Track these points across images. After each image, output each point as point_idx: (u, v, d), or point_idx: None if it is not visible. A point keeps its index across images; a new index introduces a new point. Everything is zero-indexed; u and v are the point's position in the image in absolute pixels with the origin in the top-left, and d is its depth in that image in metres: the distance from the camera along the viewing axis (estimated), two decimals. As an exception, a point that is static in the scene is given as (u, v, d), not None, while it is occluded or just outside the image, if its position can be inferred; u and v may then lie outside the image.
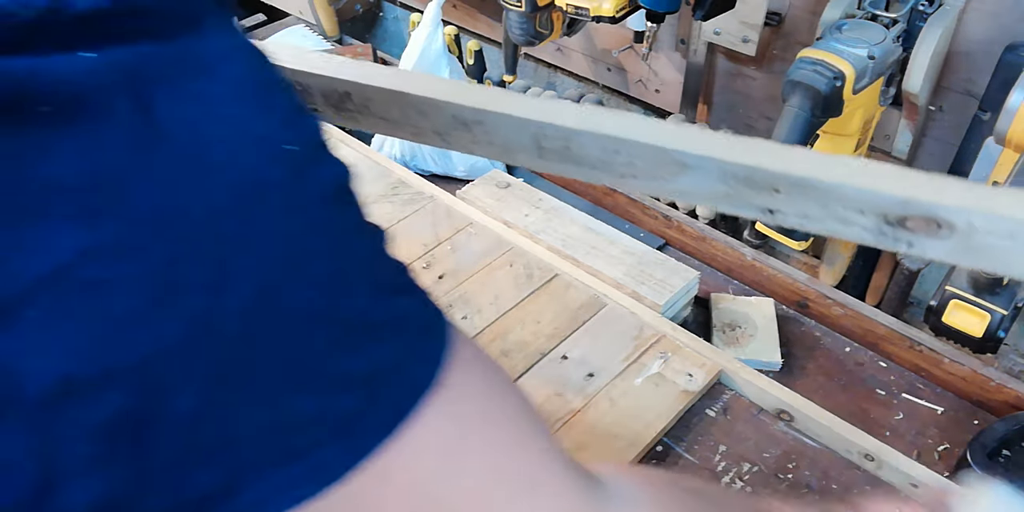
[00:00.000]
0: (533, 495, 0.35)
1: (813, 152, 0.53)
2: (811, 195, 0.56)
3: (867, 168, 0.52)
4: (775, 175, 0.53)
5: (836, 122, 0.78)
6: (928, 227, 0.53)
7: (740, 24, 0.96)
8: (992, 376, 0.82)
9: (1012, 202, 0.50)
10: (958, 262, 0.57)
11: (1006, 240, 0.52)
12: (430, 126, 0.66)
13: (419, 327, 0.32)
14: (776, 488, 0.77)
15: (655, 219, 1.07)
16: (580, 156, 0.60)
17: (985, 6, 0.78)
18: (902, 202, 0.52)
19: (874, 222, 0.56)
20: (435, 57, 1.10)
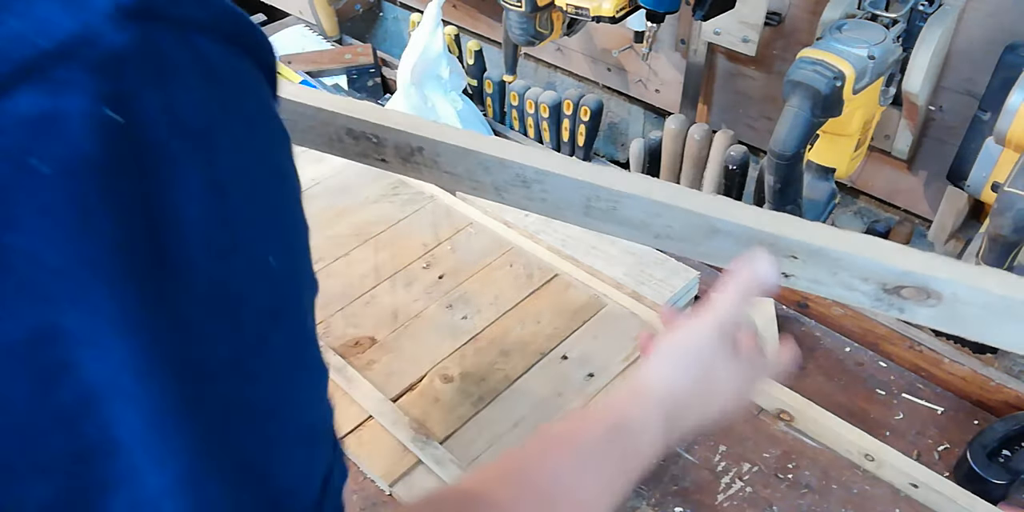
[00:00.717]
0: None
1: (829, 227, 0.61)
2: (823, 263, 0.63)
3: (873, 242, 0.61)
4: (796, 243, 0.59)
5: (836, 122, 0.78)
6: (919, 295, 0.63)
7: (740, 24, 0.96)
8: (992, 376, 0.82)
9: (990, 278, 0.59)
10: (942, 327, 0.66)
11: (981, 310, 0.62)
12: (491, 182, 0.72)
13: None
14: (776, 488, 0.77)
15: (655, 219, 1.07)
16: (624, 217, 0.66)
17: (985, 6, 0.78)
18: (902, 273, 0.60)
19: (874, 290, 0.65)
20: (435, 57, 1.10)
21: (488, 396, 0.84)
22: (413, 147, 0.76)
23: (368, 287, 0.98)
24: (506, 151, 0.70)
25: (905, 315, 0.66)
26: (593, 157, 1.17)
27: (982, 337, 0.64)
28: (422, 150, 0.76)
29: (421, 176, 0.78)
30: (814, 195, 0.87)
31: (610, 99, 1.26)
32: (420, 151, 0.76)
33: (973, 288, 0.59)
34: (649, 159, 1.09)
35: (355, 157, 0.81)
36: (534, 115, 1.16)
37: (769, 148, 0.78)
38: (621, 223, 0.69)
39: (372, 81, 1.35)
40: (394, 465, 0.77)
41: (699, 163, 1.05)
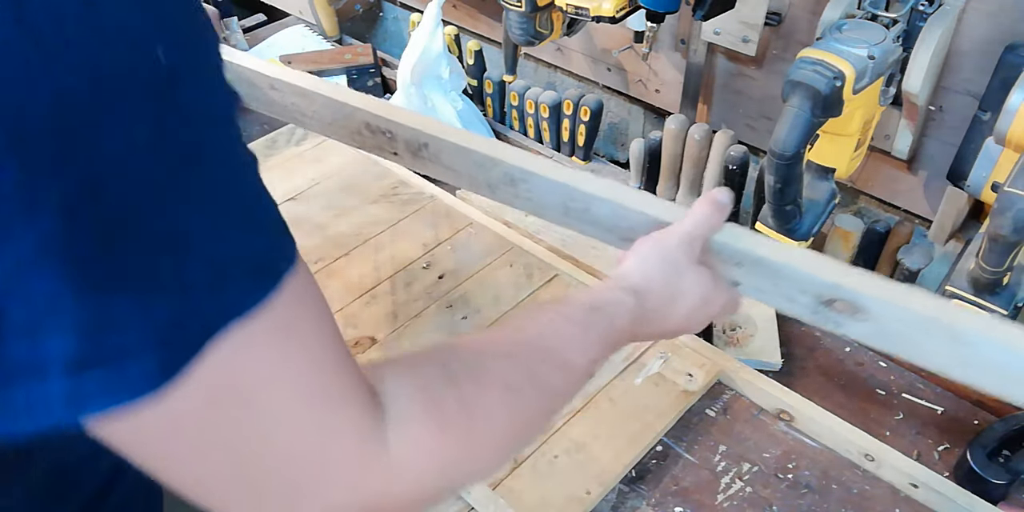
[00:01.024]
0: (336, 420, 0.38)
1: (772, 239, 0.66)
2: (765, 272, 0.68)
3: (810, 255, 0.65)
4: (740, 251, 0.65)
5: (836, 122, 0.78)
6: (851, 310, 0.66)
7: (740, 24, 0.96)
8: (992, 376, 0.82)
9: (914, 297, 0.62)
10: (875, 345, 0.68)
11: (905, 328, 0.65)
12: (485, 179, 0.78)
13: (267, 249, 0.35)
14: (776, 488, 0.77)
15: (655, 219, 1.07)
16: (595, 218, 0.71)
17: (985, 6, 0.78)
18: (833, 286, 0.64)
19: (811, 302, 0.69)
20: (435, 57, 1.10)
21: (488, 396, 0.84)
22: (420, 143, 0.81)
23: (368, 287, 0.98)
24: (497, 150, 0.75)
25: (841, 330, 0.69)
26: (593, 157, 1.17)
27: (909, 356, 0.68)
28: (428, 146, 0.81)
29: (427, 171, 0.83)
30: (814, 195, 0.87)
31: (610, 99, 1.26)
32: (426, 147, 0.81)
33: (896, 306, 0.63)
34: (649, 159, 1.09)
35: (372, 149, 0.86)
36: (534, 115, 1.16)
37: (769, 148, 0.78)
38: (593, 224, 0.74)
39: (372, 81, 1.35)
40: (394, 465, 0.77)
41: (699, 163, 1.05)
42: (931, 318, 0.62)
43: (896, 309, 0.63)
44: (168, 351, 0.31)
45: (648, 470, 0.79)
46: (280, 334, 0.35)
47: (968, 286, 0.78)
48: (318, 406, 0.38)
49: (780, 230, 0.87)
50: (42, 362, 0.29)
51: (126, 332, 0.30)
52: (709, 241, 0.65)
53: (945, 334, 0.63)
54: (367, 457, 0.40)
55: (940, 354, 0.65)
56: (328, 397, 0.38)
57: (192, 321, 0.31)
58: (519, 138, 1.20)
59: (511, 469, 0.77)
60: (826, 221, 0.89)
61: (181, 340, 0.31)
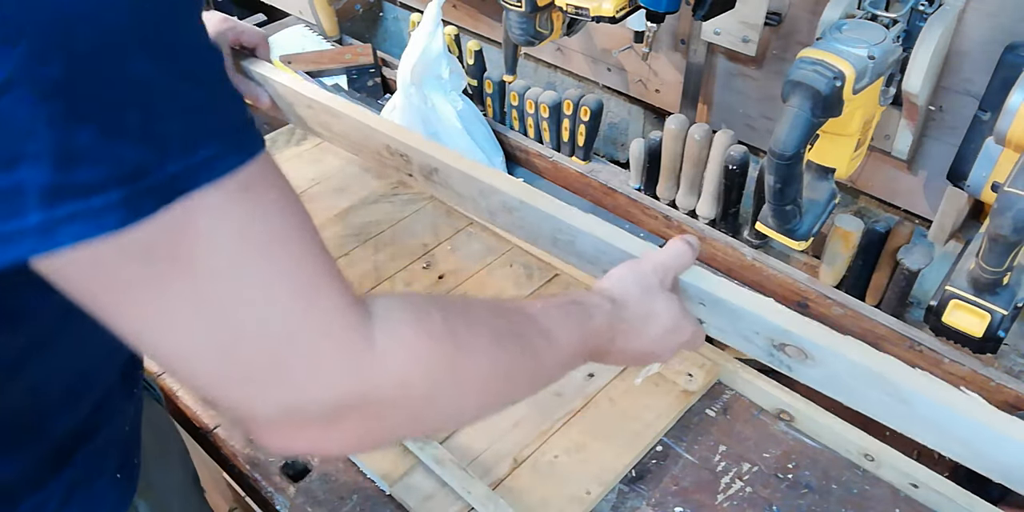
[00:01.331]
0: (313, 297, 0.39)
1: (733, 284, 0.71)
2: (724, 312, 0.72)
3: (763, 300, 0.70)
4: (703, 291, 0.71)
5: (836, 122, 0.78)
6: (800, 355, 0.70)
7: (740, 24, 0.96)
8: (992, 376, 0.82)
9: (857, 349, 0.66)
10: (825, 391, 0.72)
11: (851, 378, 0.69)
12: (486, 205, 0.86)
13: (235, 130, 0.37)
14: (776, 488, 0.77)
15: (655, 219, 1.07)
16: (580, 251, 0.78)
17: (985, 6, 0.78)
18: (783, 331, 0.69)
19: (765, 344, 0.73)
20: (435, 57, 1.10)
21: (488, 396, 0.84)
22: (432, 167, 0.88)
23: (368, 287, 0.98)
24: (497, 180, 0.83)
25: (794, 373, 0.74)
26: (593, 157, 1.17)
27: (856, 405, 0.72)
28: (438, 171, 0.88)
29: (438, 194, 0.91)
30: (814, 195, 0.87)
31: (610, 99, 1.26)
32: (437, 172, 0.88)
33: (840, 356, 0.68)
34: (649, 159, 1.09)
35: (391, 170, 0.95)
36: (534, 115, 1.16)
37: (769, 148, 0.78)
38: (578, 256, 0.80)
39: (372, 81, 1.35)
40: (394, 465, 0.77)
41: (699, 163, 1.05)
42: (873, 372, 0.66)
43: (840, 359, 0.68)
44: (134, 193, 0.33)
45: (648, 470, 0.79)
46: (251, 207, 0.37)
47: (968, 286, 0.78)
48: (293, 286, 0.39)
49: (780, 230, 0.87)
50: (19, 191, 0.31)
51: (95, 166, 0.32)
52: (678, 279, 0.70)
53: (885, 388, 0.67)
54: (351, 345, 0.40)
55: (882, 406, 0.69)
56: (305, 280, 0.39)
57: (159, 171, 0.33)
58: (519, 138, 1.20)
59: (511, 469, 0.77)
60: (826, 221, 0.89)
61: (147, 186, 0.33)
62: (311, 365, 0.39)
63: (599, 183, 1.11)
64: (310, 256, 0.40)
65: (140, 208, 0.33)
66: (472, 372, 0.47)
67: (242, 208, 0.36)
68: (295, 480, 0.79)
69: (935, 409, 0.65)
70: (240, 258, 0.37)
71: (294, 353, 0.39)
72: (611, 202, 1.11)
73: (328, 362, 0.40)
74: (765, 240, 1.03)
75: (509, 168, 1.20)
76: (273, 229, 0.38)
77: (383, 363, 0.41)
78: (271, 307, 0.38)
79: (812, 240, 0.89)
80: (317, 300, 0.39)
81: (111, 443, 0.59)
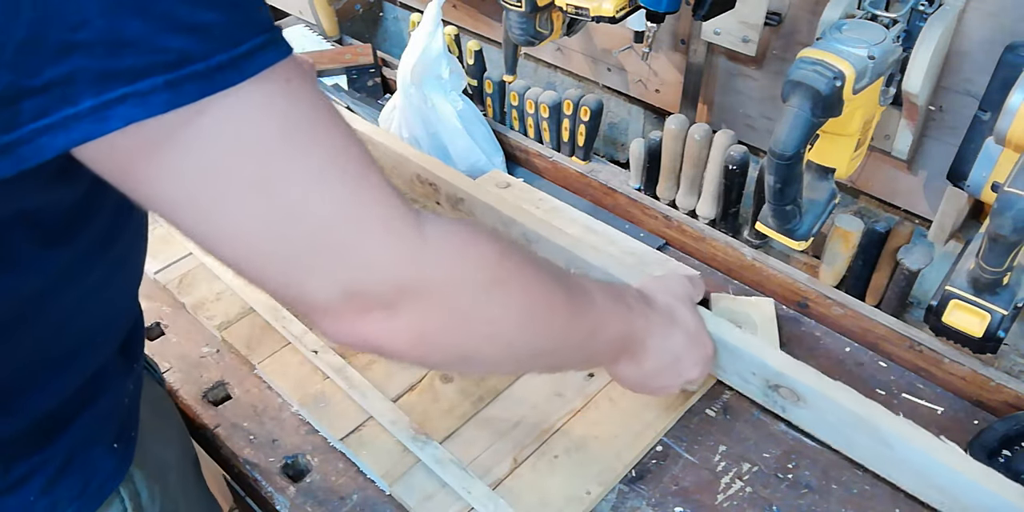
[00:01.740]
0: (363, 184, 0.42)
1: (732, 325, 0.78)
2: (724, 351, 0.78)
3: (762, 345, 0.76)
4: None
5: (836, 122, 0.78)
6: (792, 397, 0.75)
7: (740, 24, 0.96)
8: (992, 376, 0.82)
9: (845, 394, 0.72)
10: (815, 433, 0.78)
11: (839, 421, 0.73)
12: (506, 235, 0.91)
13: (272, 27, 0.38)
14: (776, 488, 0.77)
15: (655, 219, 1.07)
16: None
17: (985, 6, 0.78)
18: (776, 373, 0.74)
19: (761, 384, 0.77)
20: (435, 57, 1.10)
21: (488, 396, 0.84)
22: (459, 197, 0.95)
23: (368, 287, 0.98)
24: (518, 213, 0.91)
25: (787, 414, 0.79)
26: (593, 157, 1.17)
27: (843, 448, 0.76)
28: (464, 201, 0.94)
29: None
30: (814, 195, 0.87)
31: (610, 99, 1.26)
32: (463, 202, 0.95)
33: (829, 400, 0.72)
34: (649, 159, 1.09)
35: (421, 197, 1.03)
36: (534, 115, 1.16)
37: (769, 148, 0.78)
38: None
39: (372, 81, 1.35)
40: (394, 465, 0.77)
41: (699, 163, 1.05)
42: (858, 415, 0.71)
43: (829, 402, 0.72)
44: (179, 78, 0.35)
45: (648, 470, 0.79)
46: (294, 97, 0.39)
47: (968, 286, 0.78)
48: (342, 170, 0.41)
49: (780, 230, 0.87)
50: (72, 79, 0.33)
51: (143, 54, 0.34)
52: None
53: (869, 431, 0.71)
54: (403, 232, 0.43)
55: (867, 449, 0.73)
56: (354, 168, 0.41)
57: (205, 60, 0.35)
58: (519, 138, 1.20)
59: (511, 469, 0.77)
60: (826, 221, 0.89)
61: (193, 73, 0.35)
62: (366, 247, 0.42)
63: (599, 183, 1.12)
64: (355, 148, 0.42)
65: (186, 93, 0.35)
66: (514, 284, 0.50)
67: (286, 98, 0.38)
68: (295, 480, 0.79)
69: (914, 453, 0.69)
70: (289, 143, 0.39)
71: (349, 234, 0.41)
72: (611, 202, 1.11)
73: (382, 245, 0.43)
74: (765, 240, 1.03)
75: (509, 168, 1.20)
76: (319, 118, 0.40)
77: (434, 253, 0.45)
78: (323, 188, 0.40)
79: (812, 240, 0.89)
80: (367, 187, 0.42)
81: (109, 413, 0.60)
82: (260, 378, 0.88)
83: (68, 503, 0.56)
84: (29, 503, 0.54)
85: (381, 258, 0.43)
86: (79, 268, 0.51)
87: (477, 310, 0.48)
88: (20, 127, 0.34)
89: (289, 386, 0.86)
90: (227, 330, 0.92)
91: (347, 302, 0.43)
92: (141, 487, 0.62)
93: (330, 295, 0.42)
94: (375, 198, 0.42)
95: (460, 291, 0.47)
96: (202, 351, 0.92)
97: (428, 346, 0.47)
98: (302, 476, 0.79)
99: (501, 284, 0.49)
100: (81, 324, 0.55)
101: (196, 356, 0.91)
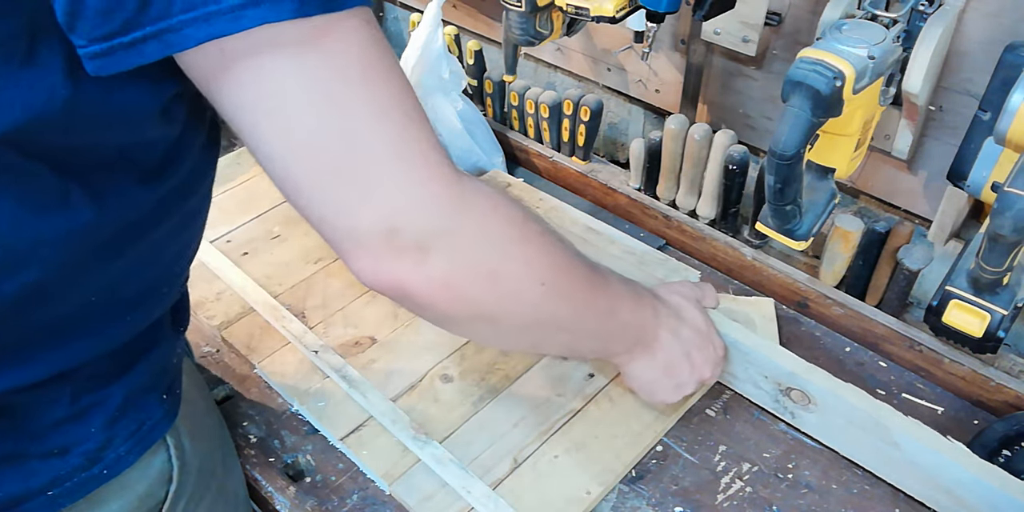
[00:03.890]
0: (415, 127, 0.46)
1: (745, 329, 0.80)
2: (738, 355, 0.78)
3: (775, 347, 0.77)
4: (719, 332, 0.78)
5: (836, 122, 0.78)
6: (803, 399, 0.75)
7: (740, 24, 0.96)
8: (992, 376, 0.82)
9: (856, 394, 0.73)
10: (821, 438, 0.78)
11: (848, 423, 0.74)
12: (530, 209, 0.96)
13: None
14: (776, 488, 0.77)
15: (655, 219, 1.07)
16: None
17: (985, 6, 0.78)
18: (789, 374, 0.75)
19: (772, 388, 0.78)
20: (435, 57, 1.10)
21: (488, 396, 0.84)
22: None
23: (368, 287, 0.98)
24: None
25: (796, 421, 0.80)
26: (593, 157, 1.17)
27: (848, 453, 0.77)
28: None
29: None
30: (814, 195, 0.87)
31: (610, 99, 1.26)
32: None
33: (838, 397, 0.73)
34: (649, 159, 1.09)
35: None
36: (534, 115, 1.16)
37: (769, 148, 0.78)
38: None
39: (372, 81, 1.35)
40: (394, 465, 0.77)
41: (699, 163, 1.05)
42: (869, 415, 0.72)
43: (841, 401, 0.73)
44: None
45: (648, 470, 0.79)
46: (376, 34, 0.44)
47: (968, 286, 0.78)
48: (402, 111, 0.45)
49: (780, 230, 0.87)
50: None
51: None
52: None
53: (879, 432, 0.72)
54: (443, 179, 0.47)
55: (874, 451, 0.74)
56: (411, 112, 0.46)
57: None
58: (519, 138, 1.20)
59: (511, 469, 0.77)
60: (826, 221, 0.89)
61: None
62: (409, 182, 0.46)
63: (599, 183, 1.12)
64: (412, 95, 0.47)
65: (309, 6, 0.40)
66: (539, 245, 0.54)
67: (372, 34, 0.44)
68: (295, 480, 0.79)
69: (922, 452, 0.70)
70: (369, 72, 0.44)
71: (400, 169, 0.45)
72: (611, 202, 1.11)
73: (426, 186, 0.46)
74: (765, 240, 1.03)
75: (509, 168, 1.20)
76: (390, 59, 0.45)
77: (470, 203, 0.48)
78: (383, 118, 0.44)
79: (812, 240, 0.89)
80: (418, 132, 0.46)
81: (162, 366, 0.64)
82: (260, 378, 0.88)
83: (123, 440, 0.59)
84: (90, 434, 0.58)
85: (424, 198, 0.46)
86: (162, 210, 0.55)
87: (505, 264, 0.52)
88: (171, 17, 0.39)
89: (289, 386, 0.86)
90: (227, 330, 0.92)
91: (387, 238, 0.46)
92: (185, 440, 0.65)
93: (372, 228, 0.46)
94: (426, 144, 0.46)
95: (490, 242, 0.50)
96: (202, 351, 0.92)
97: (455, 295, 0.50)
98: (302, 476, 0.79)
99: (527, 242, 0.53)
100: (153, 270, 0.59)
101: (196, 356, 0.91)
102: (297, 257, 1.02)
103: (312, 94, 0.42)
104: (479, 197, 0.49)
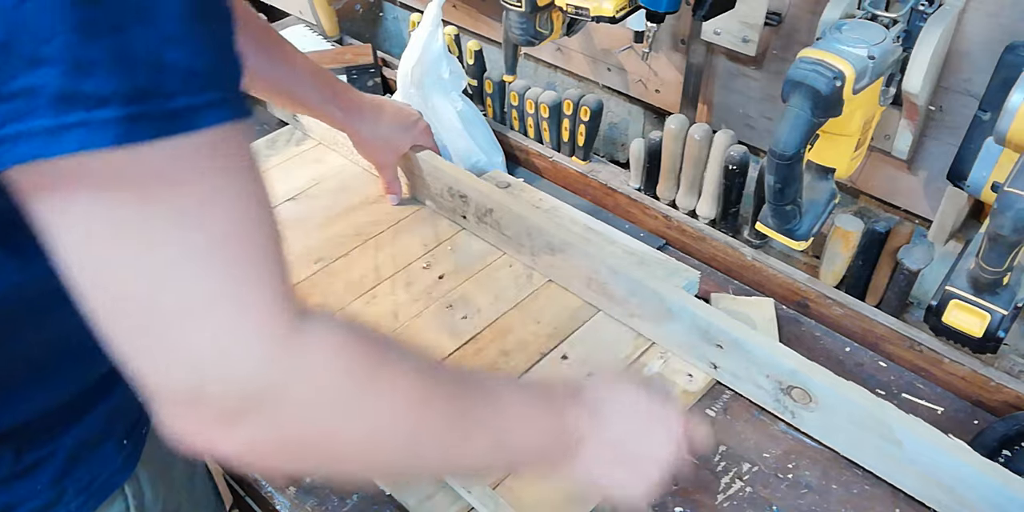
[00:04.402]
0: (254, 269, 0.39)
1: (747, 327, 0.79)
2: (740, 353, 0.78)
3: (776, 344, 0.77)
4: (721, 331, 0.79)
5: (836, 122, 0.78)
6: (804, 398, 0.75)
7: (740, 24, 0.96)
8: (992, 376, 0.82)
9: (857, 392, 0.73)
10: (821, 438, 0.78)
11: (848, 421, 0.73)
12: (530, 246, 0.96)
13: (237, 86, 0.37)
14: (776, 488, 0.77)
15: (655, 219, 1.07)
16: (613, 293, 0.89)
17: (985, 6, 0.78)
18: (791, 372, 0.75)
19: (774, 388, 0.78)
20: (435, 57, 1.10)
21: (488, 396, 0.84)
22: (487, 208, 0.98)
23: (368, 287, 0.98)
24: (545, 222, 0.94)
25: (796, 420, 0.79)
26: (593, 157, 1.17)
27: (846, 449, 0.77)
28: (492, 212, 0.98)
29: (487, 236, 1.02)
30: (814, 195, 0.87)
31: (610, 99, 1.26)
32: (491, 212, 0.98)
33: (839, 395, 0.73)
34: (649, 159, 1.09)
35: (448, 211, 1.06)
36: (534, 115, 1.16)
37: (769, 148, 0.78)
38: (609, 297, 0.90)
39: (372, 81, 1.35)
40: (394, 465, 0.77)
41: (699, 163, 1.05)
42: (871, 413, 0.72)
43: (842, 400, 0.73)
44: (136, 114, 0.34)
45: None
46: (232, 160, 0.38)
47: (968, 286, 0.78)
48: (238, 252, 0.38)
49: (780, 230, 0.87)
50: (35, 93, 0.32)
51: (103, 79, 0.33)
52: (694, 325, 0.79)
53: (880, 430, 0.72)
54: (273, 327, 0.40)
55: (874, 449, 0.74)
56: (253, 252, 0.39)
57: (164, 102, 0.34)
58: (519, 138, 1.20)
59: (511, 469, 0.77)
60: (826, 221, 0.89)
61: (149, 111, 0.34)
62: (225, 336, 0.38)
63: (599, 183, 1.12)
64: (266, 232, 0.40)
65: (138, 131, 0.34)
66: (390, 394, 0.45)
67: (223, 155, 0.37)
68: (295, 480, 0.79)
69: (924, 450, 0.70)
70: (202, 207, 0.37)
71: (214, 318, 0.38)
72: (611, 202, 1.11)
73: (242, 338, 0.39)
74: (765, 240, 1.03)
75: (509, 168, 1.20)
76: (238, 188, 0.38)
77: (305, 353, 0.40)
78: (205, 262, 0.38)
79: (812, 240, 0.89)
80: (249, 272, 0.39)
81: (122, 409, 0.60)
82: (260, 378, 0.88)
83: (74, 495, 0.56)
84: (36, 491, 0.55)
85: (239, 355, 0.39)
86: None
87: (345, 423, 0.44)
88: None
89: (289, 386, 0.85)
90: (227, 330, 0.92)
91: (192, 401, 0.40)
92: (146, 486, 0.62)
93: (178, 388, 0.39)
94: (257, 287, 0.39)
95: (323, 402, 0.42)
96: (202, 351, 0.92)
97: (279, 462, 0.44)
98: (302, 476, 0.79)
99: (378, 395, 0.45)
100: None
101: (196, 356, 0.91)
102: (297, 257, 1.02)
103: (121, 238, 0.36)
104: (317, 346, 0.41)
